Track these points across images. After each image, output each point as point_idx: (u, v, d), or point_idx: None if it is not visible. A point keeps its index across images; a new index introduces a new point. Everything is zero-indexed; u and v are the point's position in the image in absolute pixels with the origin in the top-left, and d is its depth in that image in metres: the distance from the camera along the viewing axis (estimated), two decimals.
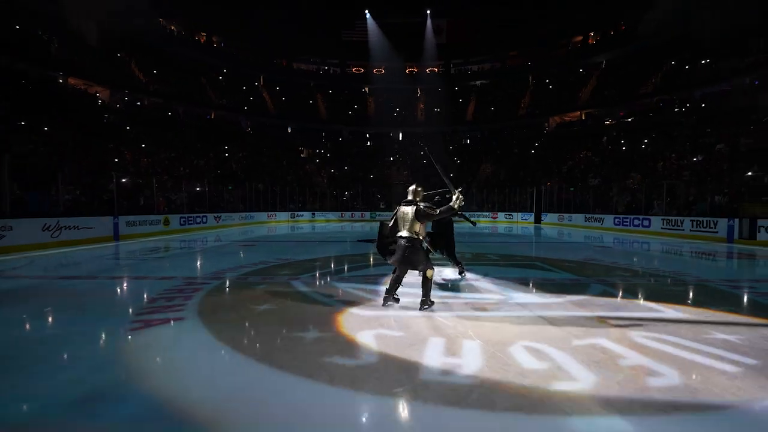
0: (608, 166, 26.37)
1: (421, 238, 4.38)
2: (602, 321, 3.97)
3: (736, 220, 11.69)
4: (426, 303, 4.37)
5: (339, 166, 38.68)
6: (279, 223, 27.33)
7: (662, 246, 11.79)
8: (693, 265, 8.59)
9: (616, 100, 32.69)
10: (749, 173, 15.07)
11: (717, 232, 12.32)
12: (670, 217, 14.42)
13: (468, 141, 42.18)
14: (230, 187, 25.95)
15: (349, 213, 31.01)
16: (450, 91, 43.53)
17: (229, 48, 40.73)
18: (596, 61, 37.64)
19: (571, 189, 25.13)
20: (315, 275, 6.80)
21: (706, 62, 28.43)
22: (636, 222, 16.08)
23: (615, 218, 17.55)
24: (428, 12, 40.27)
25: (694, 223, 13.10)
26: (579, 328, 3.70)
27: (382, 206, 31.59)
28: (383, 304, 4.55)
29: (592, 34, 38.58)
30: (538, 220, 25.05)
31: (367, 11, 39.91)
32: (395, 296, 4.57)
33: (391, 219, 4.62)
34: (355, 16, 41.04)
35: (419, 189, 4.55)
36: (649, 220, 15.36)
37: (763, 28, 25.26)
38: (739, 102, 24.52)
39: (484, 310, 4.43)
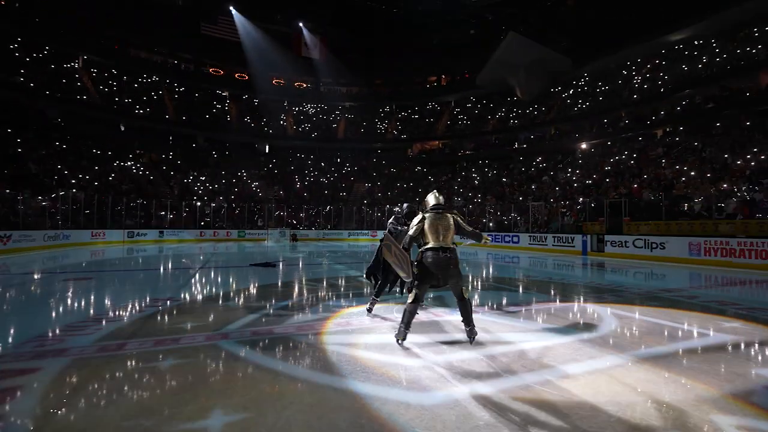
0: (467, 189, 30.40)
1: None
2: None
3: (589, 236, 14.81)
4: (474, 333, 3.70)
5: (194, 175, 32.96)
6: (109, 244, 21.07)
7: (530, 259, 13.90)
8: (555, 272, 10.21)
9: (466, 134, 38.36)
10: (583, 198, 19.69)
11: (574, 246, 15.34)
12: (536, 234, 17.32)
13: (338, 159, 42.39)
14: (25, 195, 18.49)
15: (211, 232, 26.45)
16: (320, 108, 43.18)
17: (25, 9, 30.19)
18: (446, 100, 43.69)
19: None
20: (254, 325, 4.89)
21: (525, 112, 36.37)
22: (507, 238, 18.70)
23: (488, 235, 20.02)
24: (301, 25, 39.27)
25: (556, 239, 16.06)
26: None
27: (260, 224, 28.17)
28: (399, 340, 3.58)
29: (443, 76, 44.69)
30: None
31: (232, 7, 36.05)
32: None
33: (414, 229, 3.72)
34: (219, 10, 36.56)
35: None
36: (518, 236, 18.08)
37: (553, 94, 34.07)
38: (548, 145, 32.12)
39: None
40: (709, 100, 24.44)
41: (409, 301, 3.67)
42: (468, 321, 3.69)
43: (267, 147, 40.59)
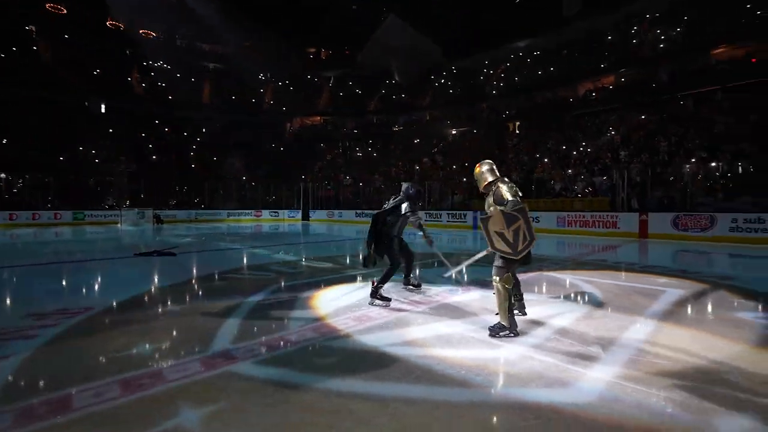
0: (353, 168, 30.45)
1: None
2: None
3: (479, 212, 16.60)
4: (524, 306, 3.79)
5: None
6: None
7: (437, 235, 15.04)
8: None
9: (348, 112, 38.06)
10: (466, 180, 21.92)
11: (466, 222, 17.04)
12: (431, 211, 18.57)
13: (204, 129, 36.69)
14: None
15: (28, 214, 19.72)
16: (178, 66, 36.29)
17: None
18: (327, 75, 42.30)
19: (329, 187, 27.21)
20: (250, 335, 3.87)
21: (403, 96, 38.21)
22: None
23: None
24: None
25: (449, 215, 17.54)
26: None
27: (110, 203, 22.23)
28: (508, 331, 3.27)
29: (323, 50, 42.94)
30: (306, 217, 25.42)
31: None
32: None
33: (517, 193, 3.28)
34: None
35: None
36: None
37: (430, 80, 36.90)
38: (424, 129, 34.72)
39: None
40: (546, 102, 30.16)
41: (508, 286, 3.24)
42: (521, 295, 3.58)
43: (103, 107, 32.12)
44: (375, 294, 4.30)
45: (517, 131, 30.40)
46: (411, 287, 5.07)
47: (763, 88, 19.06)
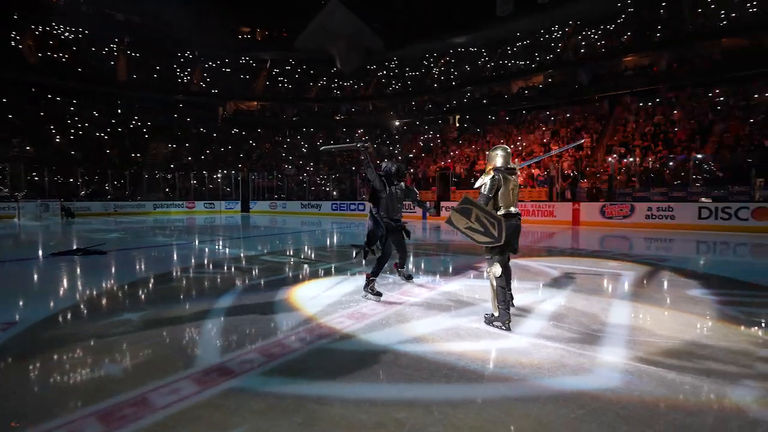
0: (296, 157, 29.26)
1: None
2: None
3: (429, 202, 16.92)
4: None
5: None
6: None
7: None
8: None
9: (288, 98, 36.32)
10: (414, 170, 22.13)
11: (415, 212, 17.28)
12: None
13: (120, 110, 32.44)
14: None
15: None
16: (84, 33, 31.51)
17: None
18: (263, 57, 39.82)
19: (270, 177, 25.88)
20: (242, 344, 3.49)
21: (346, 84, 37.47)
22: (352, 207, 19.26)
23: (333, 204, 20.09)
24: None
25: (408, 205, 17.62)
26: None
27: (4, 191, 18.67)
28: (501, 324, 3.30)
29: (259, 30, 40.30)
30: (246, 208, 23.89)
31: None
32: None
33: (490, 189, 3.23)
34: None
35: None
36: (364, 204, 18.90)
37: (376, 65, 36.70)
38: (368, 119, 34.52)
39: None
40: (483, 97, 31.68)
41: (498, 275, 3.21)
42: (510, 284, 3.60)
43: None
44: (368, 287, 4.09)
45: (457, 124, 31.56)
46: (402, 279, 4.93)
47: (662, 94, 21.98)
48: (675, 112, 19.60)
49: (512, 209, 3.31)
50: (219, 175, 25.23)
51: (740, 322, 3.38)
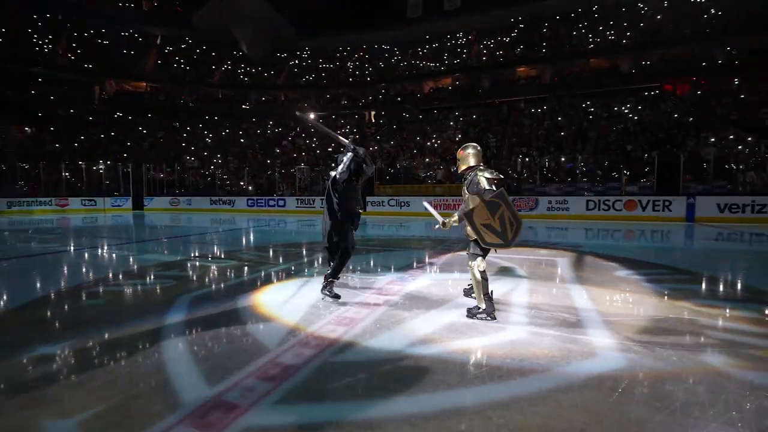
0: (199, 148, 26.31)
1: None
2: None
3: None
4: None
5: None
6: None
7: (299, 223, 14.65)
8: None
9: (186, 80, 32.38)
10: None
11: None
12: (303, 197, 17.69)
13: None
14: None
15: None
16: None
17: None
18: (152, 33, 34.76)
19: (168, 168, 22.90)
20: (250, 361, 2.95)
21: (254, 71, 34.92)
22: (271, 202, 18.05)
23: (249, 200, 18.55)
24: None
25: (323, 201, 17.06)
26: None
27: None
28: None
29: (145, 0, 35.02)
30: (139, 205, 20.62)
31: None
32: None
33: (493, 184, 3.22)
34: None
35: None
36: (284, 200, 17.87)
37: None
38: (279, 109, 32.80)
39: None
40: (398, 95, 32.62)
41: (482, 269, 3.22)
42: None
43: None
44: (326, 288, 3.79)
45: (373, 120, 31.94)
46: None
47: (548, 103, 25.38)
48: (559, 119, 22.80)
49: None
50: (102, 167, 21.26)
51: (669, 296, 4.03)
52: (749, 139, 15.52)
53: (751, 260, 6.67)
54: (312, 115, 3.95)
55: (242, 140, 28.25)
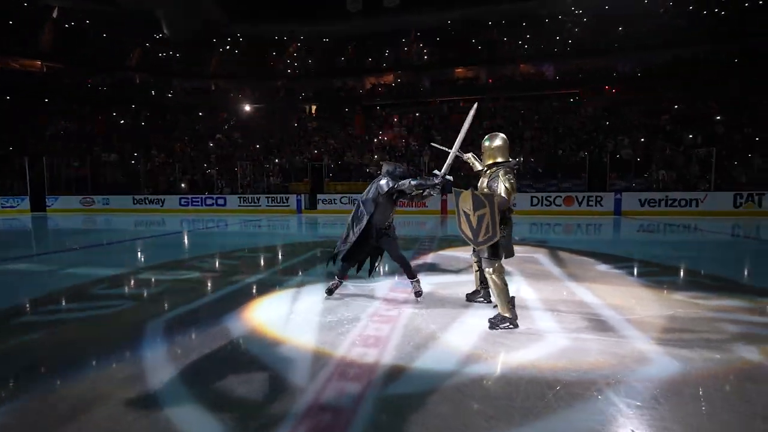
0: (116, 139, 23.08)
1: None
2: None
3: (303, 195, 15.89)
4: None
5: None
6: None
7: (242, 224, 13.66)
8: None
9: (94, 60, 28.14)
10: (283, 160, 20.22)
11: (289, 206, 15.97)
12: (246, 195, 16.31)
13: None
14: None
15: None
16: None
17: None
18: (46, 3, 29.57)
19: (76, 164, 19.79)
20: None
21: (180, 56, 31.63)
22: (209, 201, 16.39)
23: (182, 199, 16.64)
24: None
25: (270, 199, 15.95)
26: None
27: None
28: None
29: None
30: (39, 206, 17.39)
31: None
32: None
33: (515, 192, 3.13)
34: None
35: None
36: (225, 198, 16.34)
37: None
38: (211, 100, 30.22)
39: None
40: (340, 90, 31.91)
41: (502, 275, 3.09)
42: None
43: None
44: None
45: (314, 114, 30.87)
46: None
47: (485, 104, 26.69)
48: (496, 119, 24.10)
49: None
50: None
51: (660, 290, 4.25)
52: (656, 142, 17.85)
53: (700, 250, 7.53)
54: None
55: (167, 132, 25.39)
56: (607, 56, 27.26)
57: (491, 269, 3.10)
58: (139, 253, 7.29)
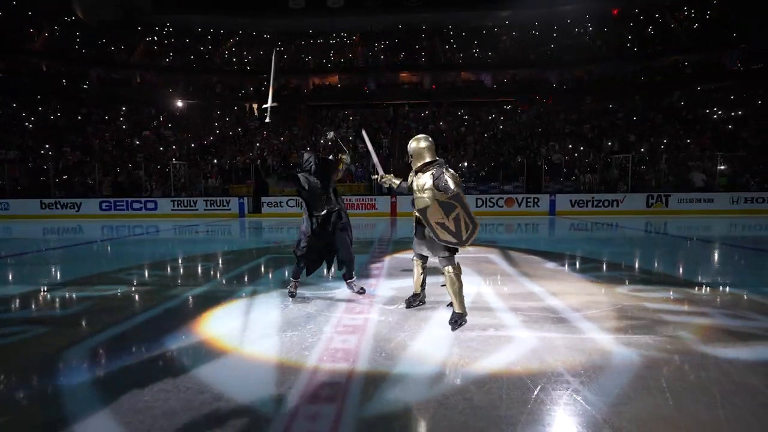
0: (16, 135, 19.98)
1: None
2: None
3: (246, 198, 14.93)
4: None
5: None
6: None
7: (177, 228, 12.66)
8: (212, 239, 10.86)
9: None
10: (223, 161, 18.76)
11: (230, 209, 14.92)
12: (180, 198, 14.92)
13: None
14: None
15: None
16: None
17: None
18: None
19: None
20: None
21: (97, 43, 28.37)
22: (136, 205, 14.77)
23: (103, 202, 14.77)
24: None
25: (208, 202, 14.77)
26: None
27: None
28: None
29: None
30: None
31: None
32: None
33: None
34: None
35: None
36: (156, 201, 14.82)
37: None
38: (135, 94, 27.50)
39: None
40: (282, 88, 30.79)
41: (459, 273, 3.19)
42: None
43: None
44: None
45: (256, 113, 29.45)
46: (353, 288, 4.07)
47: (429, 108, 27.48)
48: (441, 123, 24.88)
49: None
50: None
51: (604, 285, 4.54)
52: (581, 148, 19.62)
53: (625, 245, 8.28)
54: None
55: (83, 128, 22.56)
56: (536, 68, 29.52)
57: (451, 267, 3.14)
58: (51, 267, 6.26)
